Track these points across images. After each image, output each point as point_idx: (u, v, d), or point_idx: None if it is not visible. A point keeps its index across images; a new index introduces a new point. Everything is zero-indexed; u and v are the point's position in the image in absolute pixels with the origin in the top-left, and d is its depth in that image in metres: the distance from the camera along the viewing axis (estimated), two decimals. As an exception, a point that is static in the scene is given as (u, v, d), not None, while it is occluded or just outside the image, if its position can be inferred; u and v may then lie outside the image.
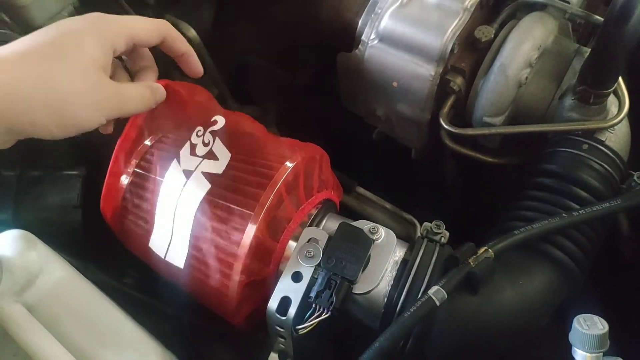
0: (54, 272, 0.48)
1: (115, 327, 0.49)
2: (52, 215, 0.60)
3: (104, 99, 0.45)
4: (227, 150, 0.54)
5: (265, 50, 0.87)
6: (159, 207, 0.54)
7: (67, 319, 0.47)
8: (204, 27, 0.85)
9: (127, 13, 0.79)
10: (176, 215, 0.54)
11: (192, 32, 0.83)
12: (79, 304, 0.49)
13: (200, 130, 0.56)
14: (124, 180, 0.58)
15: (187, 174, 0.54)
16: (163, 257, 0.55)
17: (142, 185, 0.57)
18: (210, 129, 0.56)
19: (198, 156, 0.55)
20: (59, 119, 0.42)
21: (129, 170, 0.58)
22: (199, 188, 0.53)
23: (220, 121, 0.57)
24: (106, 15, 0.48)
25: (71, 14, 0.72)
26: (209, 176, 0.53)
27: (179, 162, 0.54)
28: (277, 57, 0.88)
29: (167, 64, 0.87)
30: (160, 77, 0.89)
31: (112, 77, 0.48)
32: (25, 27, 0.68)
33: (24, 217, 0.58)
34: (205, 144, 0.55)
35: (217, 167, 0.54)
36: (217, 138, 0.55)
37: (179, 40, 0.52)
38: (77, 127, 0.43)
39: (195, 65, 0.54)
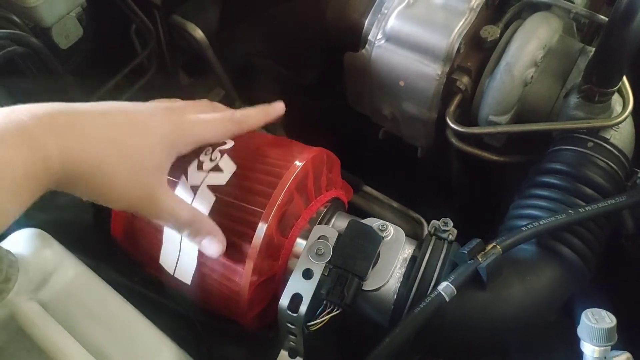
0: (68, 270, 0.49)
1: (129, 325, 0.50)
2: (64, 214, 0.60)
3: (142, 202, 0.46)
4: (233, 163, 0.55)
5: (272, 50, 0.88)
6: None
7: (81, 316, 0.48)
8: (210, 28, 0.85)
9: (133, 13, 0.80)
10: None
11: (199, 33, 0.84)
12: (93, 302, 0.49)
13: (209, 150, 0.57)
14: None
15: (194, 189, 0.55)
16: (172, 273, 0.56)
17: None
18: (219, 148, 0.57)
19: (204, 171, 0.56)
20: (92, 196, 0.44)
21: None
22: (205, 201, 0.54)
23: (228, 143, 0.58)
24: (185, 126, 0.50)
25: (80, 15, 0.73)
26: (214, 188, 0.54)
27: (186, 178, 0.55)
28: (284, 57, 0.88)
29: (173, 61, 0.87)
30: (165, 76, 0.90)
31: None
32: (34, 27, 0.69)
33: (37, 216, 0.59)
34: (212, 160, 0.56)
35: (221, 178, 0.54)
36: (225, 155, 0.56)
37: (252, 124, 0.57)
38: (103, 204, 0.45)
39: (274, 115, 0.60)
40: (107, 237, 0.60)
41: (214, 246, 0.51)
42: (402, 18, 0.67)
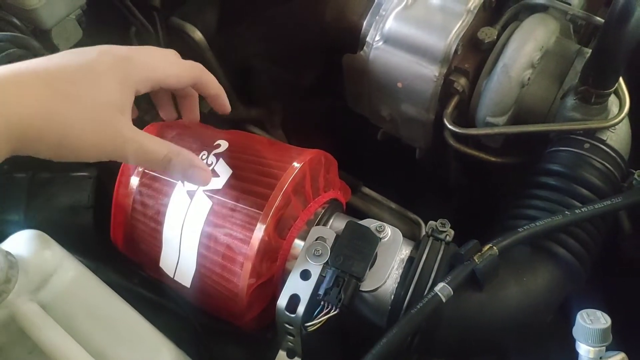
0: (68, 271, 0.49)
1: (129, 326, 0.50)
2: (63, 216, 0.60)
3: (109, 141, 0.43)
4: (228, 168, 0.56)
5: (271, 51, 0.88)
6: (166, 229, 0.56)
7: (81, 317, 0.48)
8: (209, 29, 0.86)
9: (133, 15, 0.80)
10: (182, 235, 0.55)
11: (198, 34, 0.84)
12: (93, 303, 0.50)
13: (204, 154, 0.57)
14: (132, 203, 0.59)
15: (191, 194, 0.55)
16: (172, 276, 0.56)
17: (150, 210, 0.58)
18: (214, 152, 0.58)
19: None
20: (59, 152, 0.42)
21: (137, 196, 0.59)
22: (202, 206, 0.54)
23: (223, 145, 0.58)
24: (134, 57, 0.46)
25: (79, 17, 0.73)
26: (211, 193, 0.55)
27: (182, 184, 0.55)
28: (282, 58, 0.88)
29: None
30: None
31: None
32: (34, 29, 0.69)
33: (36, 218, 0.59)
34: (208, 165, 0.56)
35: (217, 183, 0.55)
36: (220, 159, 0.56)
37: (211, 83, 0.53)
38: (73, 158, 0.43)
39: (224, 105, 0.55)
40: (106, 238, 0.60)
41: (201, 175, 0.49)
42: (400, 20, 0.67)
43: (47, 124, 0.40)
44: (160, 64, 0.48)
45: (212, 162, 0.56)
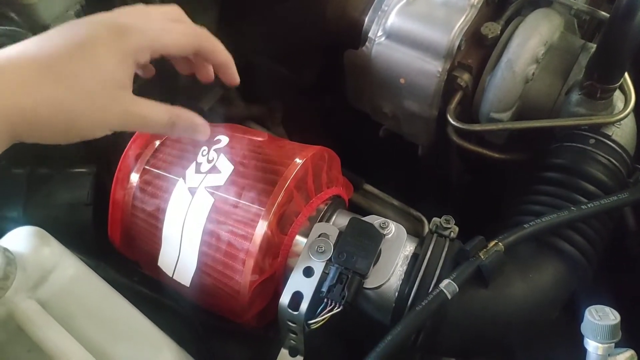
0: (67, 268, 0.48)
1: (129, 324, 0.49)
2: (62, 212, 0.60)
3: (114, 117, 0.43)
4: (230, 163, 0.55)
5: (271, 49, 0.87)
6: (166, 226, 0.55)
7: (80, 315, 0.47)
8: (209, 26, 0.84)
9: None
10: (184, 233, 0.54)
11: (198, 31, 0.83)
12: (92, 300, 0.49)
13: (205, 150, 0.56)
14: (132, 199, 0.58)
15: (192, 191, 0.54)
16: (171, 275, 0.56)
17: (150, 207, 0.58)
18: (214, 147, 0.57)
19: (202, 173, 0.55)
20: (65, 135, 0.41)
21: (137, 193, 0.58)
22: (204, 203, 0.53)
23: (223, 140, 0.58)
24: (129, 26, 0.44)
25: (78, 13, 0.72)
26: (212, 189, 0.54)
27: (184, 181, 0.55)
28: (283, 56, 0.88)
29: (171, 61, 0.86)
30: (163, 75, 0.89)
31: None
32: (32, 24, 0.68)
33: (34, 214, 0.59)
34: (209, 161, 0.56)
35: (219, 179, 0.54)
36: (221, 154, 0.56)
37: (217, 51, 0.50)
38: (80, 138, 0.42)
39: (232, 76, 0.52)
40: (106, 235, 0.60)
41: (201, 130, 0.48)
42: (402, 15, 0.67)
43: (53, 111, 0.40)
44: (158, 32, 0.46)
45: (213, 158, 0.56)
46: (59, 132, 0.41)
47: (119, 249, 0.61)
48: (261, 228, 0.52)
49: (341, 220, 0.57)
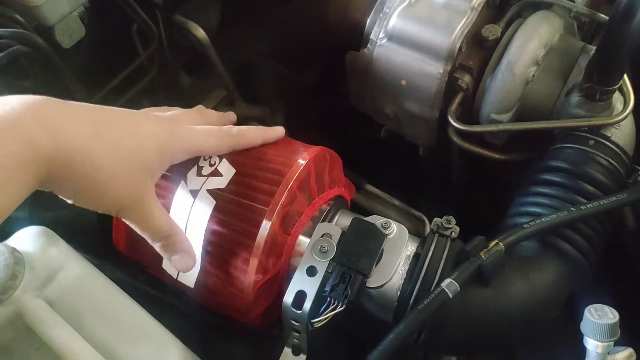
0: (74, 268, 0.49)
1: (135, 323, 0.50)
2: (68, 213, 0.60)
3: (126, 200, 0.45)
4: (231, 167, 0.55)
5: (274, 50, 0.88)
6: None
7: (87, 313, 0.48)
8: (212, 27, 0.85)
9: (135, 13, 0.80)
10: (186, 234, 0.55)
11: (200, 32, 0.84)
12: (99, 300, 0.50)
13: (206, 155, 0.57)
14: None
15: (194, 193, 0.55)
16: (175, 277, 0.56)
17: None
18: None
19: (204, 175, 0.56)
20: (78, 193, 0.44)
21: None
22: (206, 205, 0.54)
23: None
24: (176, 131, 0.49)
25: (82, 14, 0.73)
26: (214, 192, 0.54)
27: (186, 183, 0.55)
28: (285, 57, 0.88)
29: (175, 61, 0.87)
30: (167, 76, 0.89)
31: None
32: (37, 26, 0.69)
33: (41, 215, 0.59)
34: (211, 165, 0.56)
35: (221, 182, 0.55)
36: (223, 159, 0.56)
37: (252, 143, 0.56)
38: (86, 206, 0.45)
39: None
40: (111, 236, 0.60)
41: (185, 262, 0.51)
42: (403, 17, 0.68)
43: (85, 159, 0.41)
44: (199, 138, 0.51)
45: (215, 162, 0.56)
46: (75, 183, 0.42)
47: (123, 252, 0.61)
48: (265, 228, 0.52)
49: (344, 220, 0.58)
